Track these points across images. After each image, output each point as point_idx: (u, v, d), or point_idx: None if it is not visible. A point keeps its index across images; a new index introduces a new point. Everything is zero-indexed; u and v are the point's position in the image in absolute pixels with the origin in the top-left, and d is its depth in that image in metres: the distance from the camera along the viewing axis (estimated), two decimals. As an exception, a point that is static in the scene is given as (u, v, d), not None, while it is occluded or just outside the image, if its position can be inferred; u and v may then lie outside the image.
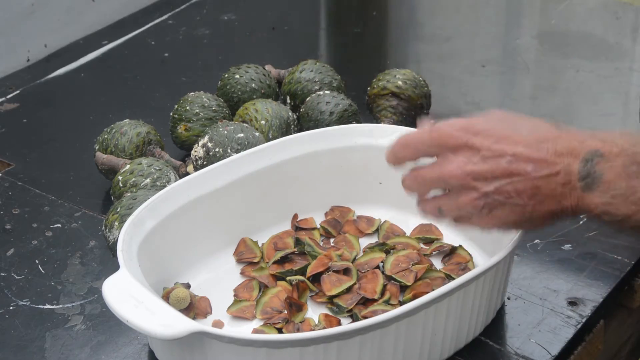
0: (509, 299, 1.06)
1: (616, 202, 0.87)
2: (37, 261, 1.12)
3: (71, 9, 1.56)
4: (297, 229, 1.12)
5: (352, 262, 1.07)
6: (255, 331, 1.00)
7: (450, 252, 1.09)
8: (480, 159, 0.89)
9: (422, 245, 1.11)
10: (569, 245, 1.13)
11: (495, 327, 1.02)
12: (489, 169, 0.89)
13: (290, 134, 1.25)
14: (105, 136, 1.23)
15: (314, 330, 1.00)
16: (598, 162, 0.87)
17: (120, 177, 1.15)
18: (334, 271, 1.05)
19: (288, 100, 1.33)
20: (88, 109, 1.40)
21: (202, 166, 1.18)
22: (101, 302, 1.02)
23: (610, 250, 1.12)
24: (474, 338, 1.01)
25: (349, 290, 1.04)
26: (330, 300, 1.04)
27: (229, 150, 1.18)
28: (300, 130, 1.28)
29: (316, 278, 1.05)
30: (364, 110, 1.31)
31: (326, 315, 1.02)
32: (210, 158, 1.18)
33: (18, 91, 1.44)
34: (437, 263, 1.08)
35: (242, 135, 1.18)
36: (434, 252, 1.09)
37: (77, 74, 1.49)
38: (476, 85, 1.46)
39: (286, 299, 1.02)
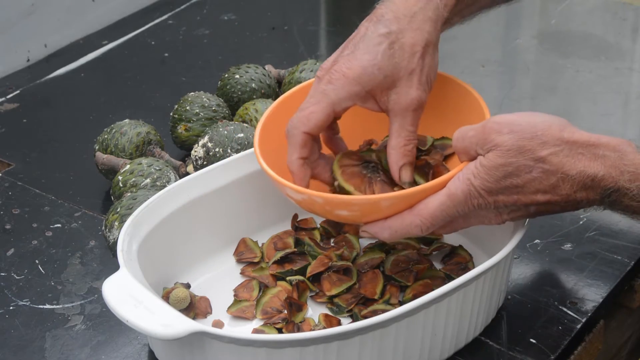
0: (509, 298, 1.06)
1: None
2: (37, 261, 1.12)
3: (71, 9, 1.56)
4: (297, 229, 1.12)
5: (352, 262, 1.07)
6: (255, 331, 1.00)
7: (450, 252, 1.09)
8: (507, 213, 0.95)
9: (422, 245, 1.11)
10: (569, 245, 1.13)
11: (495, 327, 1.02)
12: (516, 216, 0.95)
13: (290, 134, 1.25)
14: (105, 136, 1.23)
15: (314, 330, 1.00)
16: (616, 196, 0.91)
17: (120, 177, 1.15)
18: (334, 271, 1.05)
19: (288, 100, 1.33)
20: (88, 109, 1.40)
21: (202, 166, 1.18)
22: (101, 302, 1.02)
23: (610, 250, 1.12)
24: (474, 338, 1.01)
25: (349, 290, 1.04)
26: (330, 300, 1.04)
27: (229, 150, 1.18)
28: (300, 130, 1.27)
29: (316, 278, 1.05)
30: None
31: (326, 315, 1.02)
32: (210, 158, 1.18)
33: (18, 91, 1.44)
34: (437, 263, 1.08)
35: (242, 135, 1.18)
36: (434, 252, 1.09)
37: (77, 74, 1.49)
38: (476, 85, 1.45)
39: (286, 299, 1.02)
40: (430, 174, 0.99)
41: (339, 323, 1.01)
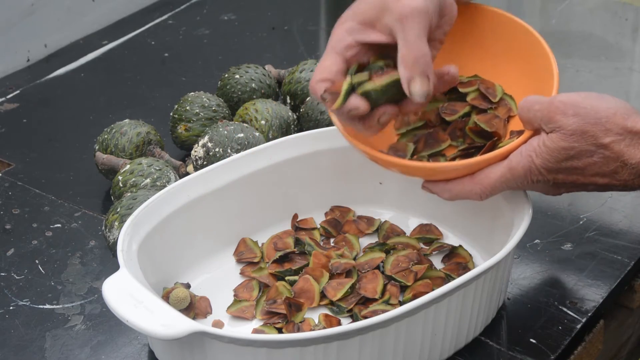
0: (509, 299, 1.06)
1: None
2: (37, 261, 1.12)
3: (71, 9, 1.56)
4: (297, 229, 1.12)
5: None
6: (255, 331, 1.00)
7: (450, 252, 1.09)
8: (565, 188, 0.98)
9: (422, 245, 1.11)
10: (569, 245, 1.13)
11: (495, 327, 1.02)
12: (573, 191, 0.99)
13: (290, 134, 1.25)
14: (105, 136, 1.23)
15: (314, 330, 1.00)
16: None
17: (120, 177, 1.15)
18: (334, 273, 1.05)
19: (288, 100, 1.33)
20: (88, 109, 1.40)
21: (202, 166, 1.18)
22: (101, 302, 1.02)
23: (610, 250, 1.12)
24: (474, 338, 1.01)
25: (350, 290, 1.04)
26: (331, 300, 1.04)
27: (229, 150, 1.18)
28: (300, 130, 1.28)
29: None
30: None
31: (326, 315, 1.02)
32: (210, 158, 1.18)
33: (18, 91, 1.44)
34: (437, 263, 1.08)
35: (242, 135, 1.18)
36: (434, 252, 1.09)
37: (77, 74, 1.49)
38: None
39: (286, 299, 1.02)
40: (491, 137, 1.02)
41: (339, 323, 1.01)
